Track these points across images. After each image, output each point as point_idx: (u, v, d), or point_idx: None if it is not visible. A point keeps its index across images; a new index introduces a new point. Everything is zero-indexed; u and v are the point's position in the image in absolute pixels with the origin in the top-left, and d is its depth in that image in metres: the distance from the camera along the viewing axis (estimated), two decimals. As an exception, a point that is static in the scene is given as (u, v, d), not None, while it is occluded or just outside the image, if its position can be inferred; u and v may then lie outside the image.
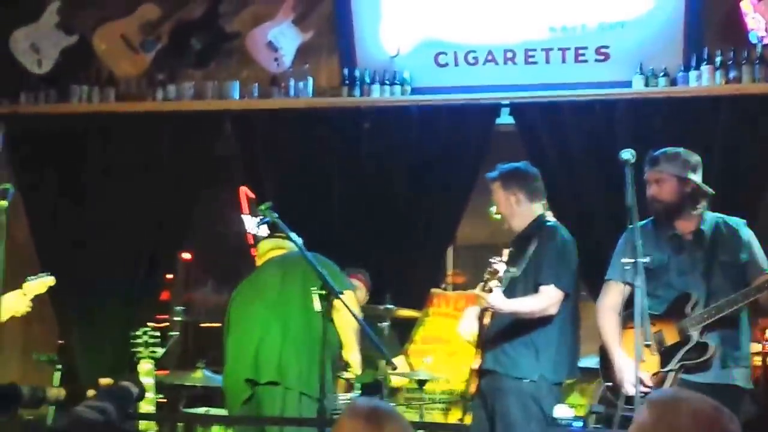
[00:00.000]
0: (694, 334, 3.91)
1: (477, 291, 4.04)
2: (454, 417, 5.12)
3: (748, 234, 4.10)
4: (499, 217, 4.45)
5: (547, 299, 4.17)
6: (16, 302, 4.15)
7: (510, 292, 4.12)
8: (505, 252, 4.12)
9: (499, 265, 4.01)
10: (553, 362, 4.18)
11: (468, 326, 4.44)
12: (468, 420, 4.48)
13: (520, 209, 4.35)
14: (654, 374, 3.89)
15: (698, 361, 3.90)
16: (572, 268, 4.26)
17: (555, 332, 4.21)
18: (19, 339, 4.51)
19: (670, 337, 3.94)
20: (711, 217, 4.11)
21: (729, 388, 3.91)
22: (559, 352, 4.22)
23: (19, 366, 5.12)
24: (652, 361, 3.89)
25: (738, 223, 4.13)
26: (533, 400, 4.12)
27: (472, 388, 4.33)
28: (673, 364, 3.90)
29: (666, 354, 3.92)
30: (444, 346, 5.95)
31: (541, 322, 4.18)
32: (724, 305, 3.89)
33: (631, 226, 4.00)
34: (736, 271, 4.00)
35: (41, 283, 4.36)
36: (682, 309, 3.96)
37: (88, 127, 6.03)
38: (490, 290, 3.98)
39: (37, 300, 4.35)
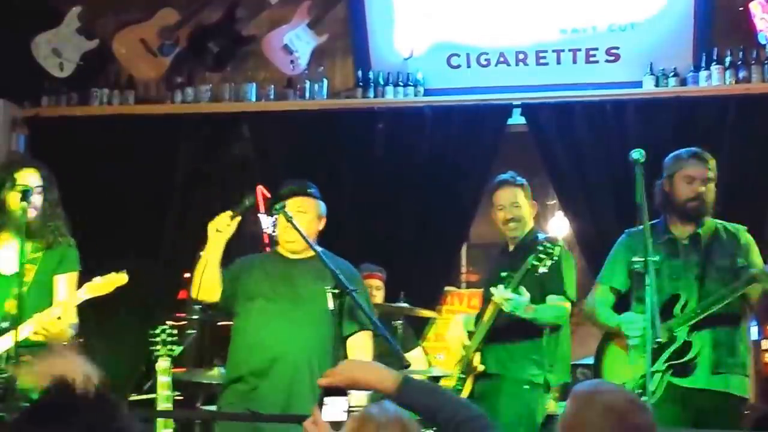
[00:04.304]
0: (681, 334, 3.81)
1: (505, 294, 4.05)
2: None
3: (747, 239, 4.03)
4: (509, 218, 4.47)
5: (563, 309, 4.25)
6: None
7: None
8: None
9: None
10: (556, 366, 4.27)
11: (456, 333, 4.52)
12: None
13: (532, 219, 4.49)
14: (642, 376, 3.78)
15: (682, 361, 3.80)
16: (575, 277, 4.36)
17: (560, 336, 4.31)
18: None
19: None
20: (710, 221, 4.06)
21: (722, 395, 3.85)
22: (562, 355, 4.31)
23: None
24: (641, 363, 3.80)
25: (738, 228, 4.06)
26: (527, 405, 4.18)
27: (464, 395, 4.36)
28: (659, 365, 3.80)
29: (653, 355, 3.76)
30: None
31: (550, 326, 4.25)
32: (711, 302, 3.80)
33: (628, 231, 4.08)
34: (733, 275, 3.90)
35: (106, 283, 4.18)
36: (671, 310, 3.86)
37: (108, 129, 6.12)
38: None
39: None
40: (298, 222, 3.85)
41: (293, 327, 3.92)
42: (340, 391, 2.29)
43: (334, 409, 2.22)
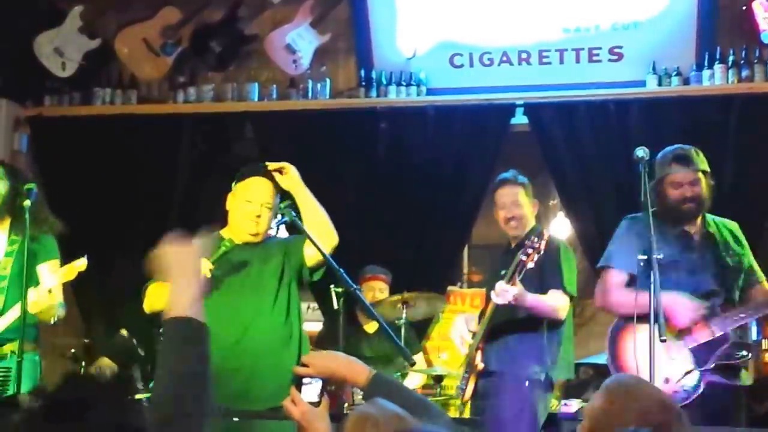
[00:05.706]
0: (731, 333, 3.78)
1: (502, 284, 4.03)
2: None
3: (743, 237, 4.05)
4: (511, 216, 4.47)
5: (562, 302, 4.24)
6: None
7: None
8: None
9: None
10: (557, 362, 4.26)
11: (460, 333, 4.51)
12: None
13: (534, 217, 4.48)
14: (688, 372, 3.77)
15: (736, 361, 3.79)
16: (575, 273, 4.35)
17: (562, 332, 4.30)
18: (47, 338, 4.62)
19: (700, 335, 3.79)
20: (710, 218, 4.04)
21: (739, 389, 3.88)
22: (565, 352, 4.30)
23: (46, 365, 5.21)
24: (679, 358, 3.78)
25: (735, 226, 4.07)
26: (528, 402, 4.16)
27: (468, 393, 4.37)
28: (710, 364, 3.76)
29: (698, 352, 3.78)
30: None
31: (549, 322, 4.25)
32: (754, 311, 3.83)
33: (630, 216, 4.05)
34: (738, 274, 3.94)
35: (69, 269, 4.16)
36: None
37: (110, 128, 6.11)
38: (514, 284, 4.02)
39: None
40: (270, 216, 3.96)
41: (247, 317, 3.83)
42: None
43: (311, 390, 2.33)
